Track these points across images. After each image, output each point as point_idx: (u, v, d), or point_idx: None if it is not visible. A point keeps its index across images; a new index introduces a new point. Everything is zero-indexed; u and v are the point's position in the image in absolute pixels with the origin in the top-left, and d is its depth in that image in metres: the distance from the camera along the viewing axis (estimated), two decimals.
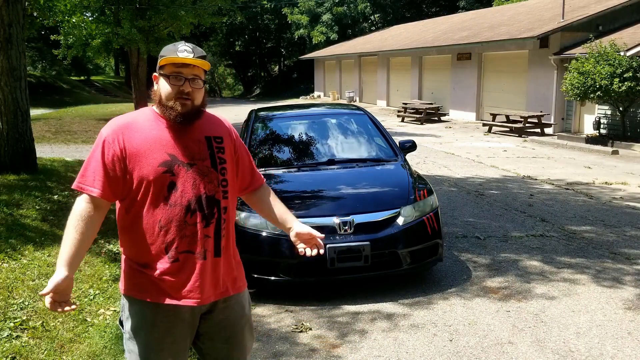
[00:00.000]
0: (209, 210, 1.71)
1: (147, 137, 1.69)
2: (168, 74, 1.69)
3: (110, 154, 1.67)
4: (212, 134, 1.80)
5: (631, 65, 11.25)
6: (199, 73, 1.72)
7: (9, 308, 3.20)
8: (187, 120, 1.70)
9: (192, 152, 1.72)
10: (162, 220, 1.68)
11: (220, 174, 1.76)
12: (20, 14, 6.05)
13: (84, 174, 1.70)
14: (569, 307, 3.61)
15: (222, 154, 1.79)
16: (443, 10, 33.24)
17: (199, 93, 1.72)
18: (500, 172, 8.99)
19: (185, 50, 1.71)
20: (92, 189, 1.66)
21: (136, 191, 1.68)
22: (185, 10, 14.72)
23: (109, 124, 1.75)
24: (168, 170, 1.68)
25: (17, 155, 6.15)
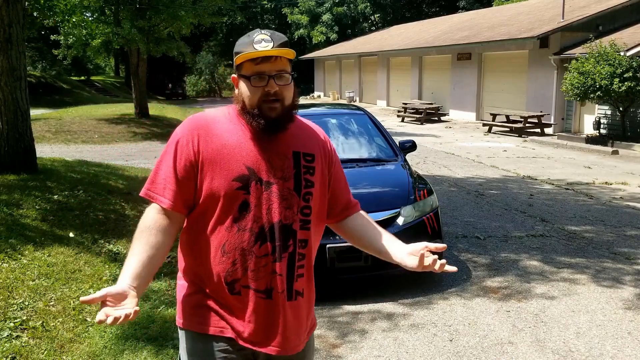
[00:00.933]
0: (282, 242, 1.41)
1: (226, 143, 1.41)
2: (248, 75, 1.39)
3: (184, 159, 1.41)
4: (303, 149, 1.48)
5: (631, 65, 11.25)
6: (283, 66, 1.40)
7: (9, 308, 3.20)
8: (279, 126, 1.41)
9: (275, 169, 1.42)
10: (226, 245, 1.40)
11: (303, 199, 1.45)
12: (20, 14, 6.05)
13: (154, 179, 1.44)
14: (569, 307, 3.61)
15: (311, 175, 1.47)
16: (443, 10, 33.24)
17: (288, 91, 1.42)
18: (500, 172, 8.99)
19: (263, 39, 1.39)
20: (163, 199, 1.41)
21: (203, 205, 1.42)
22: (185, 10, 14.72)
23: (185, 122, 1.48)
24: (243, 186, 1.39)
25: (17, 155, 6.15)
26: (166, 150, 1.45)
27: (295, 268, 1.45)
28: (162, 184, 1.42)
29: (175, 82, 40.12)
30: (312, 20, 34.75)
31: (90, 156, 9.93)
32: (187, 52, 16.56)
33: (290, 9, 35.87)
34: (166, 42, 15.91)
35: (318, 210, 1.51)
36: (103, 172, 7.45)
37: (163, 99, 35.20)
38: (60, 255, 4.05)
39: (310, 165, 1.48)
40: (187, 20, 15.10)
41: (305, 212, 1.46)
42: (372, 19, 36.11)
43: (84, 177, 6.78)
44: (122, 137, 13.66)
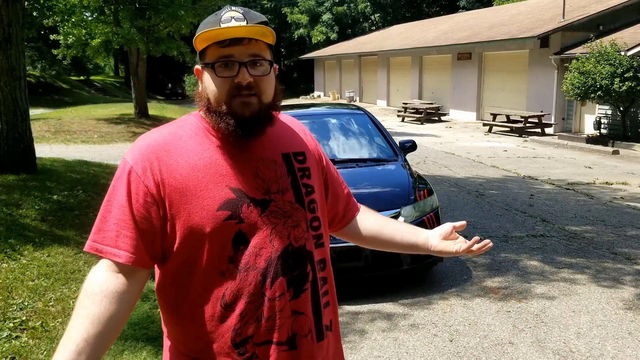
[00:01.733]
0: (298, 272, 1.11)
1: (196, 164, 1.08)
2: (212, 62, 1.08)
3: (142, 195, 1.06)
4: (291, 148, 1.19)
5: (632, 65, 11.24)
6: (259, 50, 1.08)
7: (9, 308, 3.19)
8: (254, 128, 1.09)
9: (267, 181, 1.12)
10: (226, 296, 1.07)
11: (309, 210, 1.16)
12: (20, 14, 6.04)
13: (101, 227, 1.07)
14: (569, 307, 3.60)
15: (308, 178, 1.18)
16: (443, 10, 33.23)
17: (267, 83, 1.10)
18: (501, 172, 8.98)
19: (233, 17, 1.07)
20: (117, 251, 1.04)
21: (183, 252, 1.07)
22: (184, 10, 14.71)
23: (134, 146, 1.12)
24: (233, 214, 1.06)
25: (16, 155, 6.14)
26: (114, 185, 1.09)
27: (320, 298, 1.16)
28: (114, 232, 1.05)
29: (175, 81, 40.12)
30: (312, 19, 34.75)
31: (90, 156, 9.93)
32: (186, 52, 16.55)
33: (290, 9, 35.86)
34: (166, 42, 15.90)
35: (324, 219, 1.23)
36: (103, 172, 7.44)
37: (163, 98, 35.20)
38: (60, 255, 4.04)
39: (305, 166, 1.19)
40: (186, 20, 15.10)
41: (315, 226, 1.17)
42: (372, 18, 36.11)
43: (84, 177, 6.77)
44: (122, 137, 13.65)
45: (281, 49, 41.88)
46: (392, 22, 33.67)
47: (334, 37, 33.77)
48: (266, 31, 1.08)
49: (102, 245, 1.06)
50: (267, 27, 1.08)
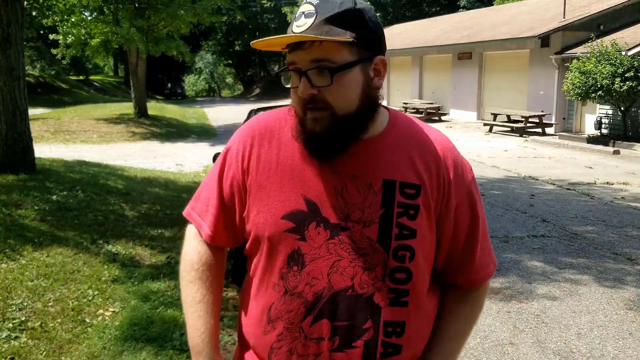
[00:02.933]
0: (349, 323, 0.94)
1: (283, 162, 0.98)
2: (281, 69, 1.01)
3: (230, 176, 1.03)
4: (402, 176, 0.96)
5: (632, 64, 11.23)
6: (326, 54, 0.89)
7: (8, 309, 3.18)
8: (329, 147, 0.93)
9: (350, 206, 0.94)
10: (272, 310, 0.98)
11: (395, 257, 0.94)
12: (19, 13, 6.03)
13: (197, 196, 1.10)
14: (570, 307, 3.59)
15: (411, 219, 0.95)
16: (444, 10, 33.22)
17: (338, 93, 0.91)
18: (502, 172, 8.97)
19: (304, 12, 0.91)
20: (203, 224, 1.06)
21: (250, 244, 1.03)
22: (184, 10, 14.71)
23: (246, 123, 1.08)
24: (296, 228, 0.95)
25: (15, 155, 6.13)
26: (217, 162, 1.08)
27: None
28: (204, 205, 1.07)
29: (174, 81, 40.15)
30: None
31: (89, 156, 9.92)
32: (186, 52, 16.55)
33: (290, 8, 35.86)
34: (165, 42, 15.89)
35: (425, 273, 0.99)
36: (102, 172, 7.43)
37: (162, 98, 35.20)
38: (59, 255, 4.03)
39: (412, 203, 0.95)
40: (186, 20, 15.09)
41: (398, 278, 0.95)
42: None
43: (83, 177, 6.77)
44: (121, 137, 13.64)
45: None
46: (392, 21, 33.67)
47: None
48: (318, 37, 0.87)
49: (194, 214, 1.09)
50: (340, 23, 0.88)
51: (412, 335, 0.98)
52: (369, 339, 0.94)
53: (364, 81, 0.93)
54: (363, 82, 0.93)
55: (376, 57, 0.95)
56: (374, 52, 0.94)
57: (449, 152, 1.01)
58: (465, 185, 1.02)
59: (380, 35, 0.96)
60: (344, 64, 0.90)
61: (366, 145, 0.96)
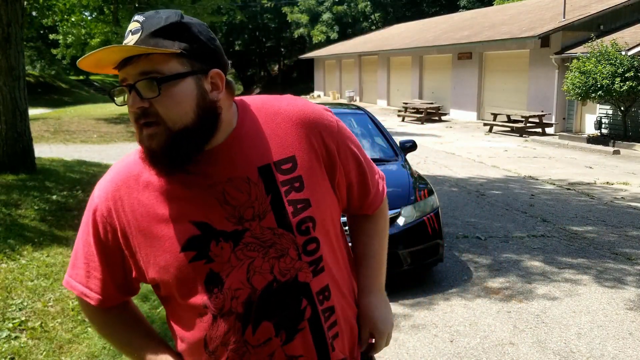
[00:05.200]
0: (289, 311, 0.96)
1: (155, 200, 0.95)
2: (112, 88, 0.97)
3: (110, 236, 0.99)
4: (272, 155, 0.97)
5: (632, 64, 11.23)
6: (154, 65, 0.88)
7: (8, 309, 3.18)
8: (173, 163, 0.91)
9: (238, 207, 0.94)
10: (208, 343, 0.97)
11: (300, 232, 0.96)
12: (19, 13, 6.03)
13: (74, 262, 1.04)
14: (570, 307, 3.59)
15: (298, 191, 0.97)
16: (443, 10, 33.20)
17: (169, 103, 0.89)
18: (502, 172, 8.97)
19: (131, 30, 0.91)
20: (88, 292, 1.02)
21: (160, 291, 1.01)
22: (184, 10, 14.70)
23: (104, 177, 1.03)
24: (199, 254, 0.93)
25: (15, 155, 6.13)
26: (84, 221, 1.02)
27: (326, 333, 0.99)
28: (85, 270, 1.01)
29: None
30: (312, 19, 34.74)
31: (89, 156, 9.92)
32: None
33: (290, 8, 35.84)
34: None
35: (328, 232, 1.02)
36: (102, 172, 7.38)
37: None
38: (59, 255, 4.03)
39: (293, 176, 0.97)
40: None
41: (311, 250, 0.97)
42: (373, 18, 36.08)
43: (83, 177, 6.77)
44: (121, 137, 13.63)
45: (281, 48, 41.90)
46: (392, 21, 33.65)
47: (334, 37, 33.76)
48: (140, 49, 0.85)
49: (75, 283, 1.03)
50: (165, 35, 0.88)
51: (336, 291, 1.02)
52: (310, 316, 0.97)
53: (199, 93, 0.91)
54: (197, 95, 0.91)
55: (211, 70, 0.93)
56: (208, 65, 0.93)
57: (305, 110, 1.02)
58: (334, 134, 1.03)
59: (214, 49, 0.94)
60: (172, 75, 0.89)
61: (225, 145, 0.95)
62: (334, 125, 1.05)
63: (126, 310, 1.08)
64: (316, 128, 1.01)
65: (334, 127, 1.04)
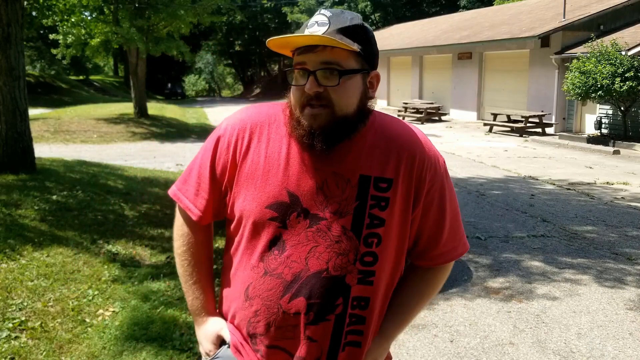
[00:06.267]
0: (324, 300, 1.07)
1: (271, 156, 1.09)
2: (288, 69, 1.10)
3: (221, 163, 1.13)
4: (376, 171, 1.08)
5: (633, 64, 11.23)
6: (334, 57, 1.02)
7: (8, 309, 3.18)
8: (325, 141, 1.04)
9: (329, 199, 1.07)
10: (249, 289, 1.11)
11: (365, 243, 1.07)
12: (19, 13, 6.03)
13: (186, 178, 1.19)
14: (570, 307, 3.59)
15: (381, 210, 1.08)
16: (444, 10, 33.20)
17: (341, 93, 1.03)
18: (502, 172, 8.97)
19: (317, 21, 1.03)
20: (193, 208, 1.17)
21: (235, 227, 1.15)
22: (184, 10, 14.70)
23: (235, 115, 1.17)
24: (279, 217, 1.07)
25: (15, 155, 6.13)
26: (206, 144, 1.17)
27: (344, 334, 1.10)
28: (195, 188, 1.17)
29: (175, 81, 40.14)
30: None
31: (89, 156, 9.91)
32: (186, 52, 16.54)
33: (290, 8, 35.84)
34: (165, 42, 15.88)
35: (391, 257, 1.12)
36: (102, 172, 7.43)
37: (162, 98, 35.20)
38: (59, 255, 4.03)
39: (383, 196, 1.07)
40: (186, 20, 15.08)
41: (367, 261, 1.08)
42: (373, 18, 36.07)
43: (83, 177, 6.77)
44: (121, 137, 13.63)
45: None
46: (392, 21, 33.65)
47: None
48: (333, 41, 0.99)
49: (183, 197, 1.19)
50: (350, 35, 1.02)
51: (374, 307, 1.12)
52: (339, 313, 1.09)
53: (363, 89, 1.08)
54: (362, 90, 1.08)
55: (372, 71, 1.11)
56: (371, 66, 1.10)
57: (422, 146, 1.13)
58: (435, 177, 1.13)
59: (377, 53, 1.11)
60: (351, 70, 1.04)
61: (346, 144, 1.08)
62: (443, 171, 1.15)
63: (210, 237, 1.25)
64: (425, 165, 1.11)
65: (440, 170, 1.14)
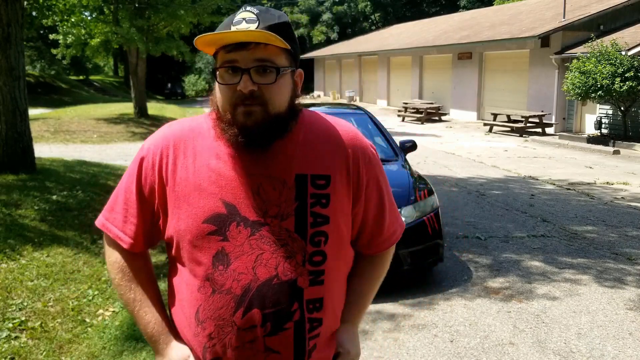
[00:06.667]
0: (278, 308, 1.01)
1: (199, 170, 1.04)
2: (216, 67, 1.02)
3: (148, 186, 1.07)
4: (312, 169, 1.05)
5: (632, 64, 11.23)
6: (268, 55, 0.99)
7: (8, 309, 3.18)
8: (259, 139, 1.00)
9: (267, 203, 1.02)
10: (200, 312, 1.04)
11: (312, 243, 1.04)
12: (19, 13, 6.03)
13: (113, 206, 1.13)
14: (570, 307, 3.59)
15: (323, 207, 1.05)
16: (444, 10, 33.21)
17: (275, 91, 1.00)
18: (502, 172, 8.97)
19: (245, 18, 0.99)
20: (123, 235, 1.11)
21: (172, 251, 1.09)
22: (184, 10, 14.71)
23: (157, 134, 1.11)
24: (218, 230, 1.02)
25: (15, 155, 6.13)
26: (130, 168, 1.11)
27: (307, 341, 1.04)
28: (122, 215, 1.10)
29: (174, 81, 40.13)
30: (312, 19, 34.76)
31: (89, 156, 9.91)
32: (186, 52, 16.54)
33: (290, 8, 35.87)
34: (165, 42, 15.89)
35: (336, 253, 1.08)
36: (102, 172, 7.43)
37: (162, 98, 35.19)
38: (59, 255, 4.03)
39: (323, 193, 1.04)
40: (186, 20, 15.09)
41: (316, 261, 1.04)
42: (373, 18, 36.08)
43: (83, 177, 6.77)
44: (121, 137, 13.63)
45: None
46: (392, 21, 33.66)
47: (334, 37, 33.78)
48: (271, 37, 0.96)
49: (111, 226, 1.12)
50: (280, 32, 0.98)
51: (329, 306, 1.09)
52: (298, 320, 1.03)
53: (292, 87, 1.06)
54: (291, 88, 1.05)
55: (298, 69, 1.08)
56: (296, 65, 1.07)
57: (354, 139, 1.11)
58: (370, 168, 1.12)
59: (299, 51, 1.09)
60: (283, 67, 1.02)
61: (278, 145, 1.05)
62: (375, 160, 1.14)
63: (148, 262, 1.17)
64: (359, 157, 1.10)
65: (375, 161, 1.14)
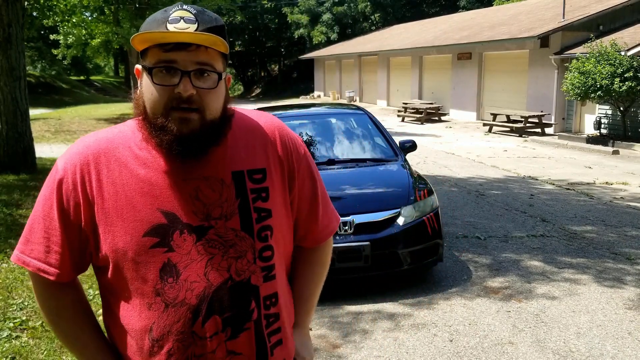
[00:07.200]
0: (238, 310, 0.99)
1: (128, 181, 0.97)
2: (152, 66, 0.94)
3: (72, 209, 0.97)
4: (247, 164, 1.03)
5: (632, 65, 11.24)
6: (209, 59, 0.96)
7: (9, 308, 3.19)
8: (194, 148, 0.95)
9: (208, 206, 0.98)
10: (154, 330, 0.98)
11: (259, 238, 1.02)
12: (20, 14, 6.04)
13: (29, 238, 1.01)
14: (569, 307, 3.60)
15: (264, 200, 1.03)
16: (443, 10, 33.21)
17: (214, 97, 0.97)
18: (501, 172, 8.98)
19: (183, 18, 0.93)
20: (46, 267, 0.99)
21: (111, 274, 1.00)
22: None
23: (71, 150, 1.01)
24: (161, 242, 0.96)
25: (16, 155, 6.15)
26: (45, 195, 1.00)
27: (266, 338, 1.03)
28: (43, 245, 0.99)
29: None
30: (312, 19, 34.75)
31: None
32: None
33: (290, 9, 35.86)
34: None
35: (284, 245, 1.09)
36: None
37: None
38: None
39: (262, 187, 1.03)
40: None
41: (265, 256, 1.03)
42: (373, 18, 36.09)
43: None
44: None
45: (281, 49, 41.90)
46: (392, 22, 33.66)
47: (334, 37, 33.77)
48: (217, 40, 0.93)
49: (30, 259, 1.00)
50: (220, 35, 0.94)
51: (282, 299, 1.08)
52: (257, 318, 1.02)
53: (225, 92, 1.02)
54: (225, 93, 1.02)
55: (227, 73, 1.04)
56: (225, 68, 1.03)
57: (281, 131, 1.10)
58: (300, 157, 1.11)
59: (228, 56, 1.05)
60: (222, 72, 0.99)
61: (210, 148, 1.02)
62: (302, 148, 1.14)
63: (79, 290, 1.08)
64: (288, 148, 1.09)
65: (302, 150, 1.13)
